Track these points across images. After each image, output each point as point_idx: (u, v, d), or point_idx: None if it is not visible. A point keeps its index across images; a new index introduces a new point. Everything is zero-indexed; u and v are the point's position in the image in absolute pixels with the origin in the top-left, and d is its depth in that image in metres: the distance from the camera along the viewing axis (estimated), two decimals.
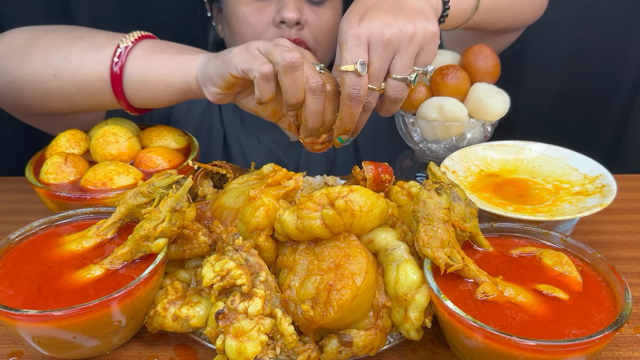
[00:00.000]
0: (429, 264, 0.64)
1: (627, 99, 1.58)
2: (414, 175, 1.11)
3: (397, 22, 0.73)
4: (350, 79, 0.73)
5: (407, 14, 0.74)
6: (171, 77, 0.85)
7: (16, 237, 0.70)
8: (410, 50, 0.74)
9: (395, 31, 0.73)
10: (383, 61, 0.75)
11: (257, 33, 1.14)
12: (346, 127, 0.78)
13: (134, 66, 0.86)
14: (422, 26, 0.74)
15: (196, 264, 0.72)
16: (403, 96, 0.79)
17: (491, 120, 0.98)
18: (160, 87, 0.86)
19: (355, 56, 0.73)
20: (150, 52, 0.87)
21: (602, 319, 0.59)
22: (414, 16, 0.74)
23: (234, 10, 1.15)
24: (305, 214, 0.63)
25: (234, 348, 0.60)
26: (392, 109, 0.81)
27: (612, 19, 1.49)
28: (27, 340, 0.62)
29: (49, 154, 0.89)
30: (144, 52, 0.87)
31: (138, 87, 0.87)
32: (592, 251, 0.68)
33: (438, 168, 0.73)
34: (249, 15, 1.13)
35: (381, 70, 0.75)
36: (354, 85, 0.74)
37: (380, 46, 0.73)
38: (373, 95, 0.77)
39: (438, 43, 0.77)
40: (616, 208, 0.97)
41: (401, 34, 0.73)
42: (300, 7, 1.12)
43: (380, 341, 0.65)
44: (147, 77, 0.86)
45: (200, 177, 0.85)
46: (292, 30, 1.12)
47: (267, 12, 1.13)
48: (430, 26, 0.75)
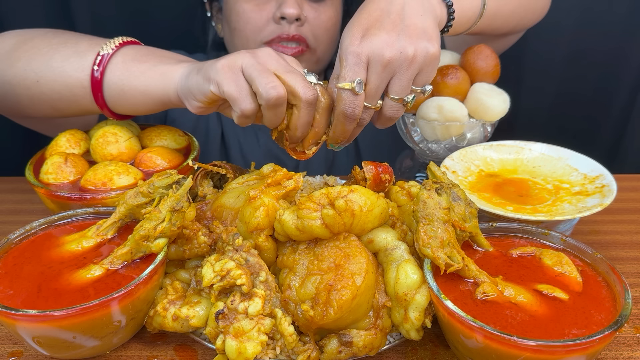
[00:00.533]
0: (429, 264, 0.64)
1: (627, 100, 1.58)
2: (414, 175, 1.11)
3: (398, 43, 0.72)
4: (346, 96, 0.74)
5: (409, 34, 0.73)
6: (149, 88, 0.84)
7: (16, 237, 0.70)
8: (410, 72, 0.74)
9: (396, 53, 0.72)
10: (381, 81, 0.74)
11: (256, 29, 1.14)
12: (338, 139, 0.79)
13: (113, 75, 0.86)
14: (423, 48, 0.73)
15: (196, 264, 0.72)
16: (399, 115, 0.79)
17: (491, 120, 0.98)
18: (139, 97, 0.86)
19: (354, 74, 0.73)
20: (130, 61, 0.86)
21: (602, 319, 0.59)
22: (416, 36, 0.73)
23: (234, 7, 1.15)
24: (305, 214, 0.63)
25: (234, 348, 0.60)
26: (388, 124, 0.81)
27: (611, 20, 1.49)
28: (27, 340, 0.62)
29: (49, 154, 0.89)
30: (124, 60, 0.86)
31: (117, 96, 0.87)
32: (592, 251, 0.68)
33: (438, 168, 0.73)
34: (248, 11, 1.13)
35: (378, 89, 0.75)
36: (349, 104, 0.74)
37: (379, 66, 0.73)
38: (368, 113, 0.78)
39: (438, 63, 0.77)
40: (616, 208, 0.97)
41: (401, 56, 0.73)
42: (300, 3, 1.12)
43: (380, 341, 0.65)
44: (126, 86, 0.85)
45: (200, 177, 0.85)
46: (292, 27, 1.12)
47: (267, 8, 1.13)
48: (432, 48, 0.74)
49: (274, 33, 1.13)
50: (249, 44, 1.18)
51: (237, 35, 1.18)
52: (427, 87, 0.78)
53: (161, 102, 0.85)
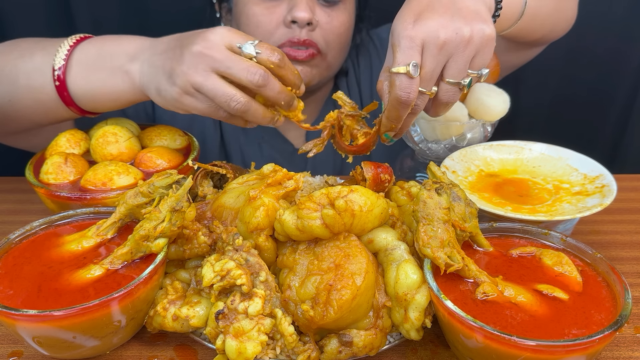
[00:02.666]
0: (429, 264, 0.64)
1: (626, 99, 1.58)
2: (414, 175, 1.11)
3: (453, 24, 0.71)
4: (401, 81, 0.71)
5: (464, 16, 0.71)
6: (118, 93, 0.87)
7: (16, 237, 0.70)
8: (466, 53, 0.72)
9: (452, 34, 0.70)
10: (436, 64, 0.72)
11: (267, 33, 1.12)
12: (392, 126, 0.77)
13: (77, 87, 0.88)
14: (479, 29, 0.71)
15: (196, 264, 0.72)
16: (454, 100, 0.77)
17: (491, 120, 0.98)
18: (111, 102, 0.89)
19: (408, 58, 0.70)
20: (87, 69, 0.88)
21: (602, 319, 0.59)
22: (471, 18, 0.72)
23: (243, 10, 1.13)
24: (305, 214, 0.63)
25: (234, 348, 0.60)
26: (442, 112, 0.79)
27: (611, 20, 1.49)
28: (27, 340, 0.62)
29: (49, 154, 0.89)
30: (80, 71, 0.88)
31: (91, 103, 0.90)
32: (592, 251, 0.68)
33: (438, 168, 0.73)
34: (259, 14, 1.10)
35: (433, 73, 0.73)
36: (404, 88, 0.71)
37: (435, 49, 0.71)
38: (422, 99, 0.75)
39: (494, 46, 0.74)
40: (616, 208, 0.97)
41: (457, 37, 0.70)
42: (312, 7, 1.09)
43: (380, 341, 0.65)
44: (95, 95, 0.88)
45: (200, 177, 0.85)
46: (303, 31, 1.09)
47: (277, 12, 1.10)
48: (487, 29, 0.72)
49: (284, 37, 1.10)
50: None
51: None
52: (484, 71, 0.75)
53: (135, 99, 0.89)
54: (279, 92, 0.78)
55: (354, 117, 0.81)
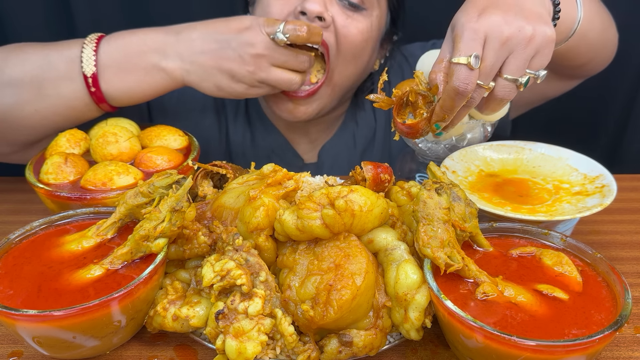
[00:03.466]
0: (429, 264, 0.64)
1: (627, 99, 1.58)
2: (414, 175, 1.11)
3: (517, 22, 0.72)
4: (461, 71, 0.71)
5: (527, 16, 0.72)
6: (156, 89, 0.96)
7: (16, 237, 0.70)
8: (527, 51, 0.73)
9: (515, 30, 0.71)
10: (497, 59, 0.73)
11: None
12: (444, 116, 0.77)
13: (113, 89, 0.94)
14: (542, 30, 0.72)
15: (196, 264, 0.72)
16: (510, 97, 0.77)
17: (491, 120, 0.98)
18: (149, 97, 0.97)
19: (470, 49, 0.71)
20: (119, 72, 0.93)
21: (602, 319, 0.59)
22: (534, 18, 0.73)
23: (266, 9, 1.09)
24: (305, 214, 0.63)
25: (234, 348, 0.60)
26: (496, 109, 0.80)
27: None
28: (27, 340, 0.62)
29: (49, 154, 0.89)
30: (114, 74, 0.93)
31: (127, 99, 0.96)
32: (592, 251, 0.68)
33: (438, 168, 0.73)
34: (272, 3, 1.06)
35: (493, 67, 0.73)
36: (463, 79, 0.71)
37: (497, 43, 0.71)
38: (479, 92, 0.75)
39: (553, 49, 0.75)
40: (616, 208, 0.97)
41: (520, 34, 0.71)
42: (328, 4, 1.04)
43: (380, 341, 0.65)
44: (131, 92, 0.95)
45: (200, 177, 0.85)
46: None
47: (291, 2, 1.05)
48: (549, 31, 0.73)
49: None
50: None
51: None
52: (542, 72, 0.76)
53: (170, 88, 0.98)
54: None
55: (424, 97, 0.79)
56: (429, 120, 0.78)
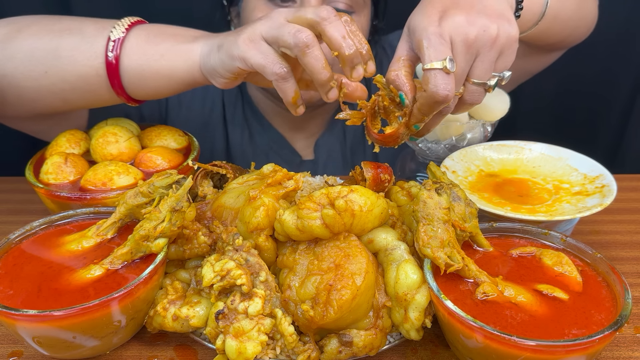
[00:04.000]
0: (429, 264, 0.64)
1: (627, 99, 1.58)
2: (414, 175, 1.11)
3: (480, 21, 0.69)
4: (439, 77, 0.67)
5: (489, 14, 0.70)
6: (173, 70, 0.83)
7: (16, 237, 0.70)
8: (492, 53, 0.70)
9: (480, 31, 0.68)
10: (466, 63, 0.70)
11: None
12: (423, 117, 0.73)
13: (130, 60, 0.83)
14: (505, 30, 0.70)
15: (196, 264, 0.72)
16: (479, 101, 0.75)
17: (491, 120, 0.98)
18: (162, 81, 0.84)
19: (442, 53, 0.67)
20: (145, 43, 0.84)
21: (602, 319, 0.59)
22: (496, 17, 0.70)
23: (250, 16, 1.10)
24: (305, 214, 0.63)
25: (234, 348, 0.60)
26: (465, 111, 0.78)
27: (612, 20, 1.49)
28: (27, 340, 0.62)
29: (49, 154, 0.89)
30: (138, 43, 0.83)
31: (137, 81, 0.85)
32: (592, 251, 0.68)
33: (438, 168, 0.73)
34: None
35: (463, 73, 0.71)
36: (442, 85, 0.67)
37: (463, 47, 0.69)
38: (454, 100, 0.73)
39: (517, 48, 0.73)
40: (616, 208, 0.97)
41: (485, 35, 0.69)
42: None
43: (380, 341, 0.65)
44: (146, 71, 0.83)
45: (200, 177, 0.85)
46: None
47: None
48: (512, 30, 0.70)
49: None
50: None
51: None
52: (507, 73, 0.73)
53: (185, 83, 0.85)
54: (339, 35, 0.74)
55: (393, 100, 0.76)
56: (407, 124, 0.76)
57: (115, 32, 0.84)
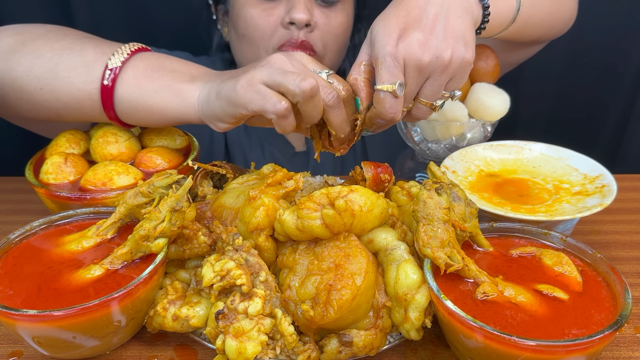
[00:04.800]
0: (429, 264, 0.64)
1: (627, 99, 1.58)
2: (414, 175, 1.11)
3: (436, 46, 0.72)
4: (388, 100, 0.73)
5: (447, 37, 0.73)
6: (166, 108, 0.82)
7: (16, 237, 0.70)
8: (443, 77, 0.74)
9: (432, 58, 0.72)
10: (416, 85, 0.75)
11: (265, 35, 1.11)
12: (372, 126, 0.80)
13: (125, 92, 0.82)
14: (459, 55, 0.73)
15: (196, 264, 0.72)
16: (425, 117, 0.80)
17: (491, 120, 0.98)
18: (155, 116, 0.84)
19: (394, 77, 0.72)
20: (142, 77, 0.82)
21: (602, 319, 0.59)
22: (454, 40, 0.73)
23: (240, 12, 1.12)
24: (305, 214, 0.63)
25: (234, 348, 0.60)
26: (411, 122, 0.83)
27: (611, 20, 1.49)
28: (27, 340, 0.62)
29: (49, 154, 0.89)
30: (135, 76, 0.82)
31: (130, 112, 0.84)
32: (592, 251, 0.68)
33: (438, 168, 0.73)
34: (256, 17, 1.10)
35: (412, 93, 0.76)
36: (390, 108, 0.74)
37: (415, 71, 0.73)
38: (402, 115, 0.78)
39: (470, 69, 0.77)
40: (616, 208, 0.97)
41: (437, 62, 0.72)
42: (310, 8, 1.09)
43: (380, 341, 0.65)
44: (140, 105, 0.83)
45: (200, 177, 0.85)
46: (301, 32, 1.09)
47: (275, 13, 1.10)
48: (467, 55, 0.74)
49: (282, 39, 1.10)
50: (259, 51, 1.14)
51: (246, 42, 1.14)
52: (457, 93, 0.78)
53: (178, 121, 0.84)
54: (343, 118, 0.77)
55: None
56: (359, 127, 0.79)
57: (113, 60, 0.83)
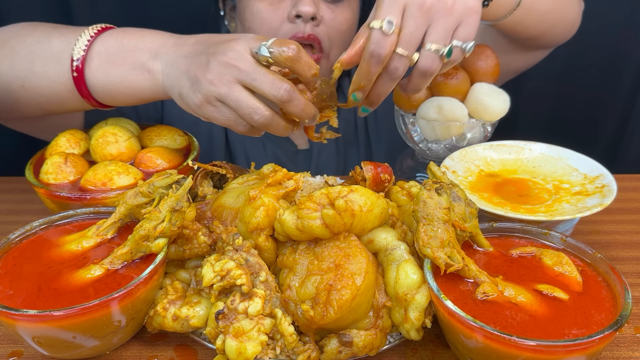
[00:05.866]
0: (429, 264, 0.64)
1: (627, 99, 1.58)
2: (414, 175, 1.11)
3: None
4: (374, 35, 0.72)
5: None
6: (138, 91, 0.85)
7: (16, 237, 0.70)
8: (448, 21, 0.72)
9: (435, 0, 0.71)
10: (417, 27, 0.72)
11: (271, 30, 1.11)
12: (361, 84, 0.76)
13: (95, 79, 0.85)
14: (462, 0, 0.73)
15: (196, 264, 0.72)
16: (434, 70, 0.76)
17: (491, 120, 0.98)
18: (130, 98, 0.86)
19: (386, 14, 0.71)
20: (107, 63, 0.85)
21: (602, 319, 0.59)
22: None
23: (247, 6, 1.13)
24: (305, 214, 0.63)
25: (234, 348, 0.60)
26: (421, 85, 0.79)
27: (612, 19, 1.49)
28: (27, 340, 0.62)
29: (49, 154, 0.89)
30: (100, 64, 0.84)
31: (107, 97, 0.87)
32: (592, 251, 0.68)
33: (438, 168, 0.73)
34: (263, 11, 1.10)
35: (413, 35, 0.73)
36: (376, 42, 0.71)
37: (416, 10, 0.71)
38: (401, 62, 0.74)
39: (479, 20, 0.75)
40: (616, 208, 0.97)
41: (439, 3, 0.71)
42: (316, 2, 1.09)
43: (380, 341, 0.65)
44: (113, 90, 0.85)
45: (200, 177, 0.85)
46: (307, 26, 1.09)
47: (282, 7, 1.10)
48: (470, 1, 0.73)
49: (289, 33, 1.10)
50: None
51: None
52: (469, 44, 0.75)
53: (154, 98, 0.86)
54: (302, 109, 0.76)
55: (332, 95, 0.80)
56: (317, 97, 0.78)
57: (76, 50, 0.84)
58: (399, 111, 1.02)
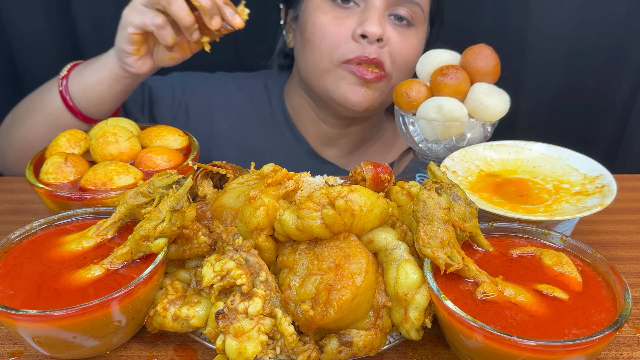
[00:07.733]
0: (429, 264, 0.64)
1: (627, 99, 1.58)
2: (414, 175, 1.11)
3: None
4: None
5: None
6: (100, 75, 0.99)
7: (16, 237, 0.70)
8: None
9: None
10: None
11: (333, 45, 1.08)
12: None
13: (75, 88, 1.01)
14: None
15: (196, 264, 0.72)
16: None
17: (491, 120, 0.98)
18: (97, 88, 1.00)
19: None
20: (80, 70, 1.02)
21: (602, 319, 0.59)
22: None
23: (310, 18, 1.10)
24: (305, 214, 0.63)
25: (234, 348, 0.60)
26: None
27: (611, 20, 1.49)
28: (27, 340, 0.62)
29: (49, 154, 0.89)
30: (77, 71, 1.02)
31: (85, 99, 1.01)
32: (592, 251, 0.68)
33: (438, 168, 0.73)
34: (326, 24, 1.07)
35: None
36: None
37: None
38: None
39: None
40: (616, 208, 0.97)
41: None
42: (383, 24, 1.06)
43: (380, 341, 0.65)
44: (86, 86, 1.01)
45: (200, 177, 0.85)
46: (373, 47, 1.06)
47: (347, 24, 1.07)
48: None
49: (352, 52, 1.07)
50: (322, 60, 1.10)
51: (310, 48, 1.11)
52: None
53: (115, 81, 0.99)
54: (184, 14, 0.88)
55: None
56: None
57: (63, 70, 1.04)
58: (399, 111, 1.02)
